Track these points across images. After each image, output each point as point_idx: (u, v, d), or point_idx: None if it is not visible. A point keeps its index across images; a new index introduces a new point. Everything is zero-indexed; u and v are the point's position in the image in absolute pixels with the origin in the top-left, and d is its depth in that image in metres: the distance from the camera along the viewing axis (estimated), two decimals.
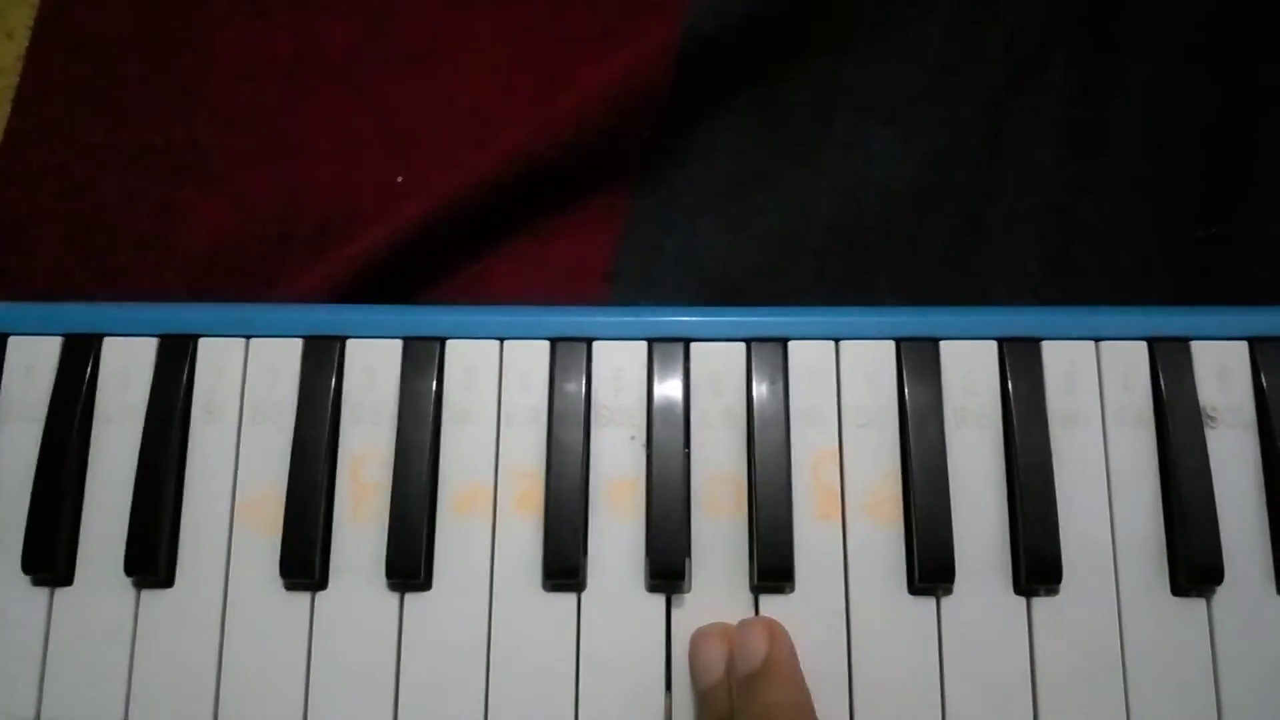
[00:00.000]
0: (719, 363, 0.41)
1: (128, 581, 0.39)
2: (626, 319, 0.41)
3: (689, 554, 0.39)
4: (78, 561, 0.39)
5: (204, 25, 0.53)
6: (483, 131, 0.50)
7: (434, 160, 0.51)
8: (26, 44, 0.53)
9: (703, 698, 0.37)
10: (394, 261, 0.48)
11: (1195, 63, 0.50)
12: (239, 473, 0.40)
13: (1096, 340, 0.40)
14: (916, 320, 0.41)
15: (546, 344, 0.41)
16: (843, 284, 0.48)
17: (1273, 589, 0.38)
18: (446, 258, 0.49)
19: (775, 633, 0.36)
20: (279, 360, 0.40)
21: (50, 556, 0.39)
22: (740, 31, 0.49)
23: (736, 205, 0.49)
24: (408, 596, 0.38)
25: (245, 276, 0.49)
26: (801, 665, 0.37)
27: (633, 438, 0.40)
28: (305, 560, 0.38)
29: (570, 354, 0.40)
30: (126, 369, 0.40)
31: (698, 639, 0.37)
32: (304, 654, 0.38)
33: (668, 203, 0.50)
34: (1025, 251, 0.48)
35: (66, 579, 0.39)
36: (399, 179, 0.51)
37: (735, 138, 0.50)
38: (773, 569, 0.38)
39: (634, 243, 0.49)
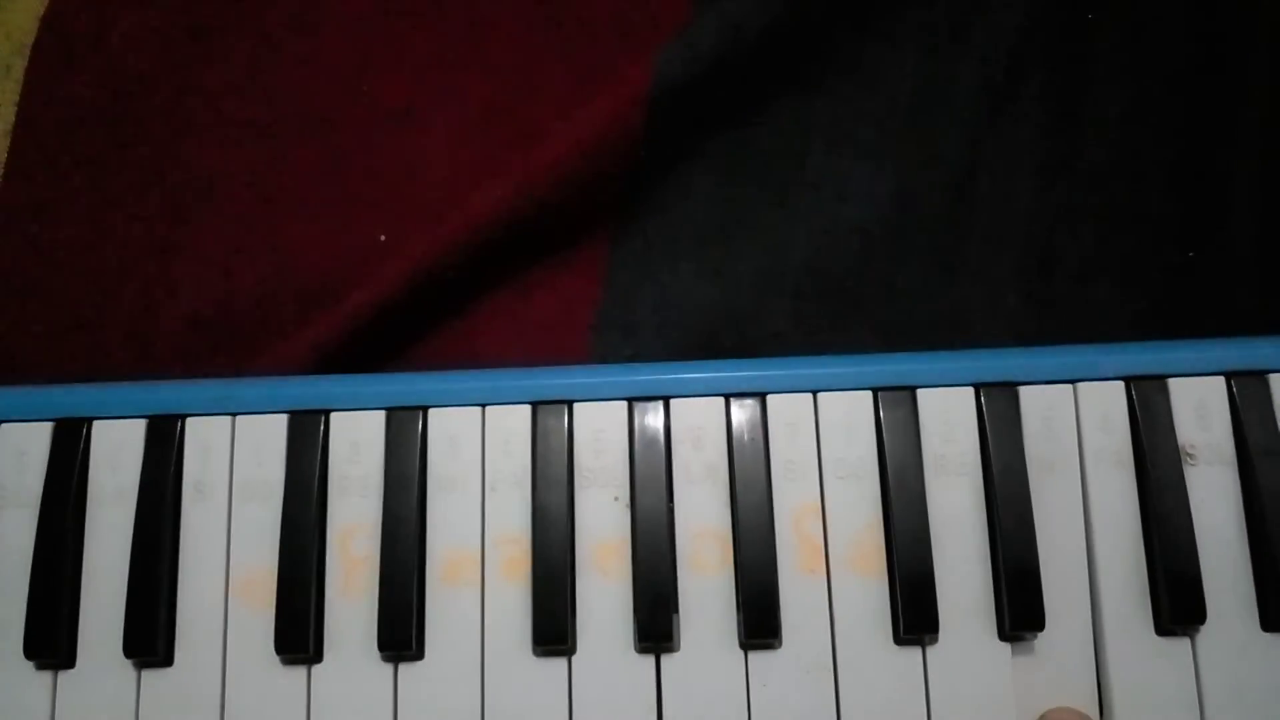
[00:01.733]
0: (698, 418, 0.41)
1: (128, 662, 0.39)
2: (605, 379, 0.41)
3: (676, 612, 0.39)
4: (79, 644, 0.40)
5: (184, 93, 0.53)
6: (462, 188, 0.50)
7: (416, 219, 0.51)
8: (12, 119, 0.54)
9: None
10: (380, 321, 0.48)
11: (1166, 89, 0.50)
12: (231, 551, 0.40)
13: (1073, 382, 0.40)
14: (893, 369, 0.41)
15: (528, 408, 0.41)
16: (821, 325, 0.48)
17: (1256, 625, 0.38)
18: (431, 315, 0.50)
19: None
20: (265, 437, 0.41)
21: (51, 641, 0.39)
22: (710, 76, 0.49)
23: (714, 250, 0.50)
24: (401, 667, 0.39)
25: (234, 343, 0.50)
26: None
27: (616, 498, 0.40)
28: (299, 636, 0.39)
29: (551, 417, 0.41)
30: (117, 451, 0.41)
31: None
32: None
33: (646, 251, 0.50)
34: (1003, 285, 0.48)
35: (68, 662, 0.40)
36: (381, 238, 0.51)
37: (710, 182, 0.51)
38: (759, 627, 0.38)
39: (615, 292, 0.50)
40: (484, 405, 0.41)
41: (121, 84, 0.54)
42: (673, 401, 0.41)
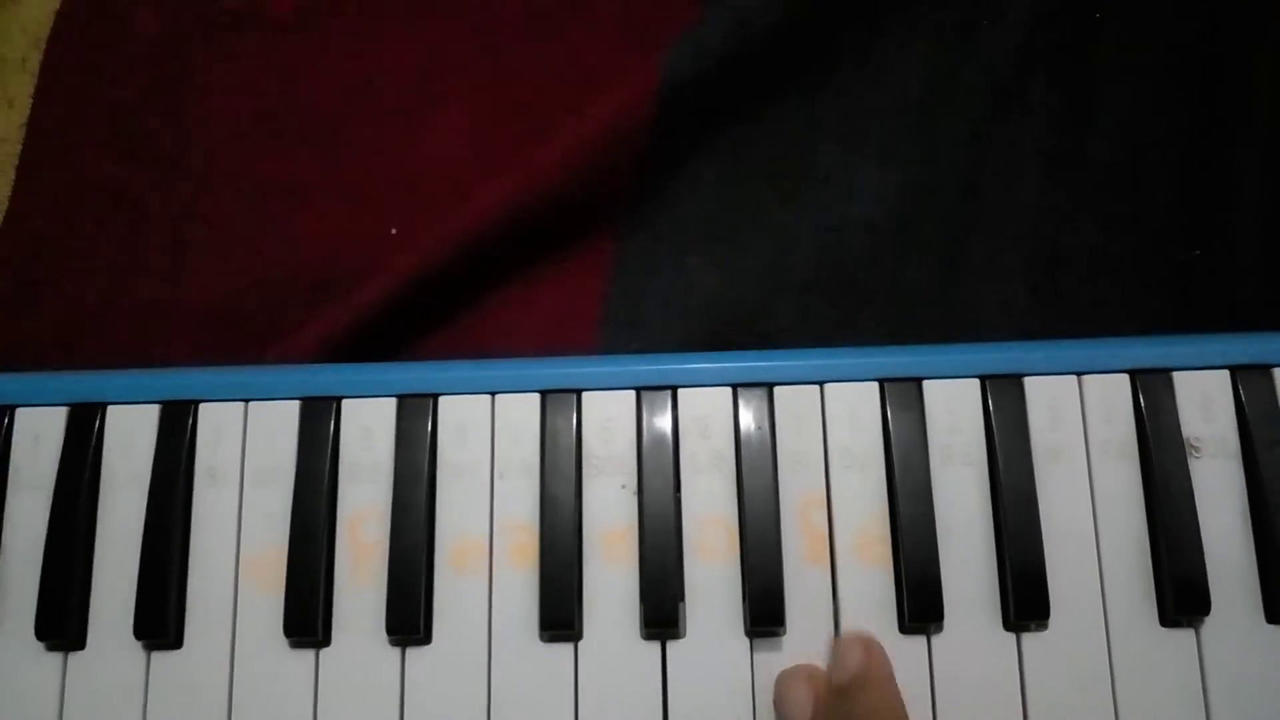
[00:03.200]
0: (706, 408, 0.41)
1: (138, 644, 0.40)
2: (614, 369, 0.42)
3: (682, 600, 0.39)
4: (89, 626, 0.40)
5: (198, 89, 0.54)
6: (472, 183, 0.51)
7: (426, 213, 0.51)
8: (28, 112, 0.55)
9: None
10: (391, 314, 0.49)
11: (1172, 87, 0.50)
12: (242, 535, 0.41)
13: (1078, 374, 0.41)
14: (899, 360, 0.41)
15: (537, 397, 0.41)
16: (828, 320, 0.49)
17: (1261, 617, 0.39)
18: (441, 309, 0.50)
19: (871, 647, 0.37)
20: (277, 422, 0.41)
21: (62, 622, 0.40)
22: (719, 71, 0.50)
23: (722, 245, 0.50)
24: (409, 651, 0.39)
25: (246, 334, 0.50)
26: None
27: (624, 486, 0.41)
28: (308, 619, 0.39)
29: (560, 406, 0.41)
30: (131, 436, 0.42)
31: (784, 681, 0.38)
32: (310, 711, 0.39)
33: (654, 245, 0.51)
34: (1009, 281, 0.49)
35: (79, 644, 0.40)
36: (393, 231, 0.52)
37: (718, 177, 0.51)
38: (765, 616, 0.39)
39: (622, 286, 0.50)
40: (494, 394, 0.42)
41: (136, 78, 0.54)
42: (680, 391, 0.41)
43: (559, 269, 0.51)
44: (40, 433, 0.42)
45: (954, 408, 0.41)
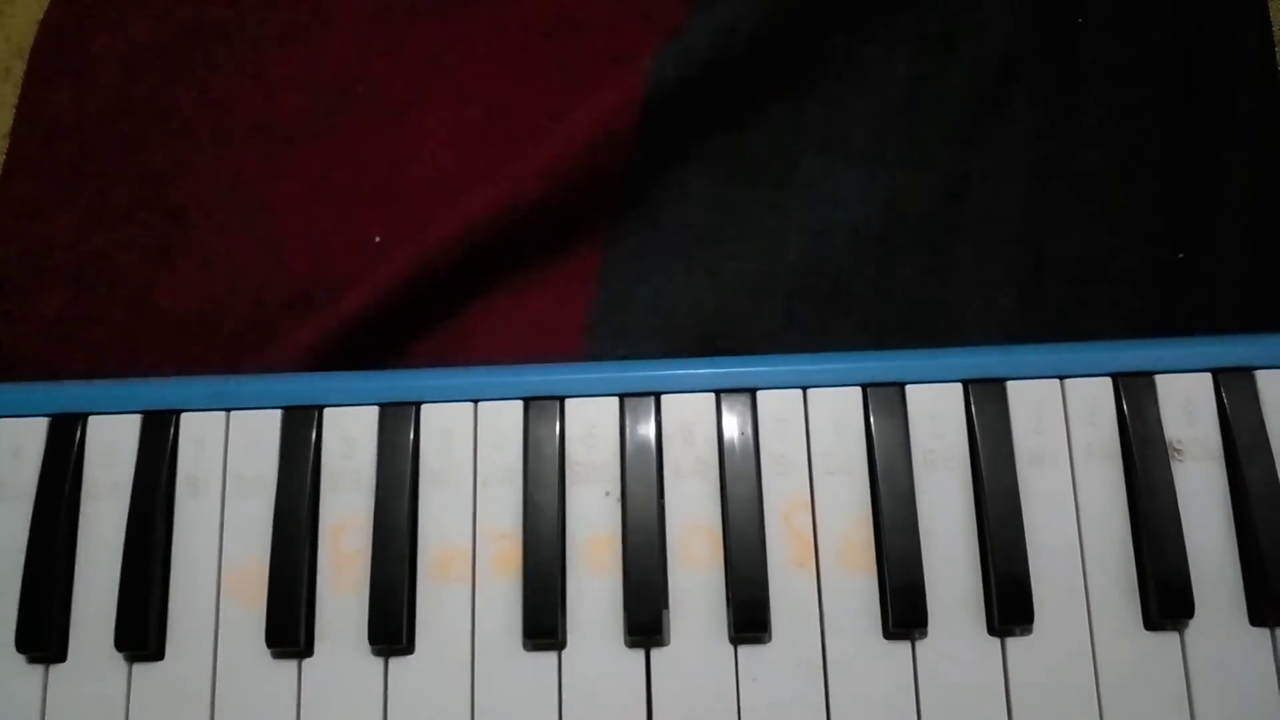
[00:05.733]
0: (689, 414, 0.41)
1: (120, 656, 0.40)
2: (597, 375, 0.42)
3: (666, 606, 0.39)
4: (70, 638, 0.40)
5: (180, 95, 0.54)
6: (456, 190, 0.51)
7: (410, 220, 0.51)
8: (10, 123, 0.54)
9: None
10: (375, 321, 0.49)
11: (1154, 91, 0.50)
12: (224, 545, 0.41)
13: (1061, 378, 0.41)
14: (882, 365, 0.41)
15: (520, 404, 0.41)
16: (814, 326, 0.49)
17: (1244, 619, 0.39)
18: (425, 317, 0.50)
19: None
20: (259, 432, 0.41)
21: (43, 634, 0.39)
22: (703, 79, 0.50)
23: (707, 251, 0.50)
24: (392, 661, 0.39)
25: (230, 343, 0.50)
26: (780, 715, 0.38)
27: (607, 494, 0.41)
28: (290, 629, 0.39)
29: (543, 413, 0.41)
30: (112, 446, 0.41)
31: None
32: None
33: (639, 252, 0.50)
34: (995, 286, 0.49)
35: (60, 656, 0.40)
36: (376, 239, 0.52)
37: (703, 184, 0.51)
38: (749, 622, 0.38)
39: (608, 293, 0.50)
40: (476, 401, 0.41)
41: (118, 86, 0.54)
42: (664, 397, 0.41)
43: (545, 276, 0.51)
44: (20, 444, 0.42)
45: (937, 412, 0.41)
